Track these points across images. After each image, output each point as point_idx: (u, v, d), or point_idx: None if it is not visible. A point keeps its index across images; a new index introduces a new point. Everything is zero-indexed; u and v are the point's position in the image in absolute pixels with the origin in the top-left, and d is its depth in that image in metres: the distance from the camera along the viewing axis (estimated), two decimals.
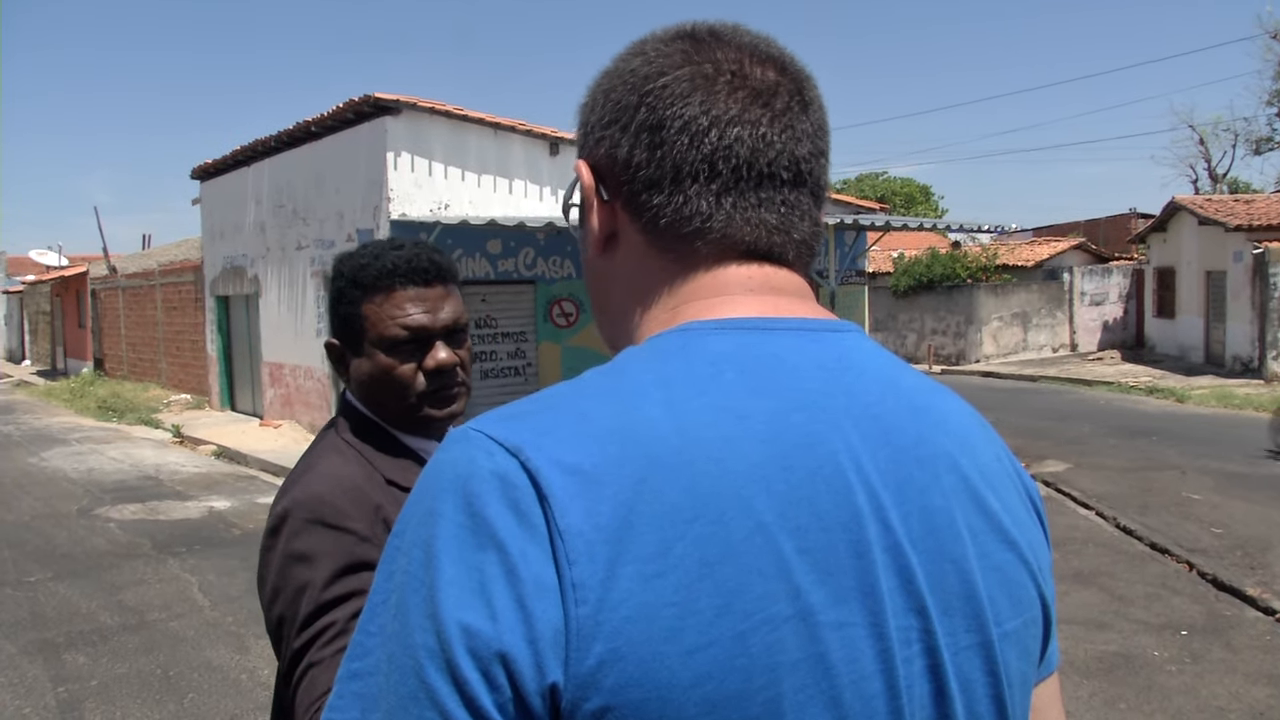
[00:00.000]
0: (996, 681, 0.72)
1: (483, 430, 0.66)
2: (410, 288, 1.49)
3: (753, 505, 0.64)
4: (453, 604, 0.60)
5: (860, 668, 0.65)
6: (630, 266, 0.79)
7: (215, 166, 16.63)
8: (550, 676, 0.59)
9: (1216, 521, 7.94)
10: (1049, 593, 0.79)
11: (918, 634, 0.69)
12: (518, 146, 12.54)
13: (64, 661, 5.42)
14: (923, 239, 30.31)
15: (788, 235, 0.77)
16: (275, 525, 1.36)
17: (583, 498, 0.62)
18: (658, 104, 0.75)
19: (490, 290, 12.30)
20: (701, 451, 0.64)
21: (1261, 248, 17.64)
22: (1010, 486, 0.79)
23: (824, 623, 0.64)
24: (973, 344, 23.77)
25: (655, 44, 0.79)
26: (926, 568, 0.70)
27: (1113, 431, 12.74)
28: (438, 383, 1.49)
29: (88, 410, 18.46)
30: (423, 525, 0.64)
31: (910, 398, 0.75)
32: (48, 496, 10.25)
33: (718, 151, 0.74)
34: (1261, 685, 4.84)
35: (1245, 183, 34.39)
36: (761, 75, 0.76)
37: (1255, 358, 17.94)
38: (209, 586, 6.84)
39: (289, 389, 14.69)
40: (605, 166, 0.79)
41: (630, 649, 0.60)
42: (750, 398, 0.68)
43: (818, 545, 0.65)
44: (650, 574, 0.61)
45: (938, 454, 0.73)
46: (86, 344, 26.01)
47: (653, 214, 0.76)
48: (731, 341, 0.72)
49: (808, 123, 0.78)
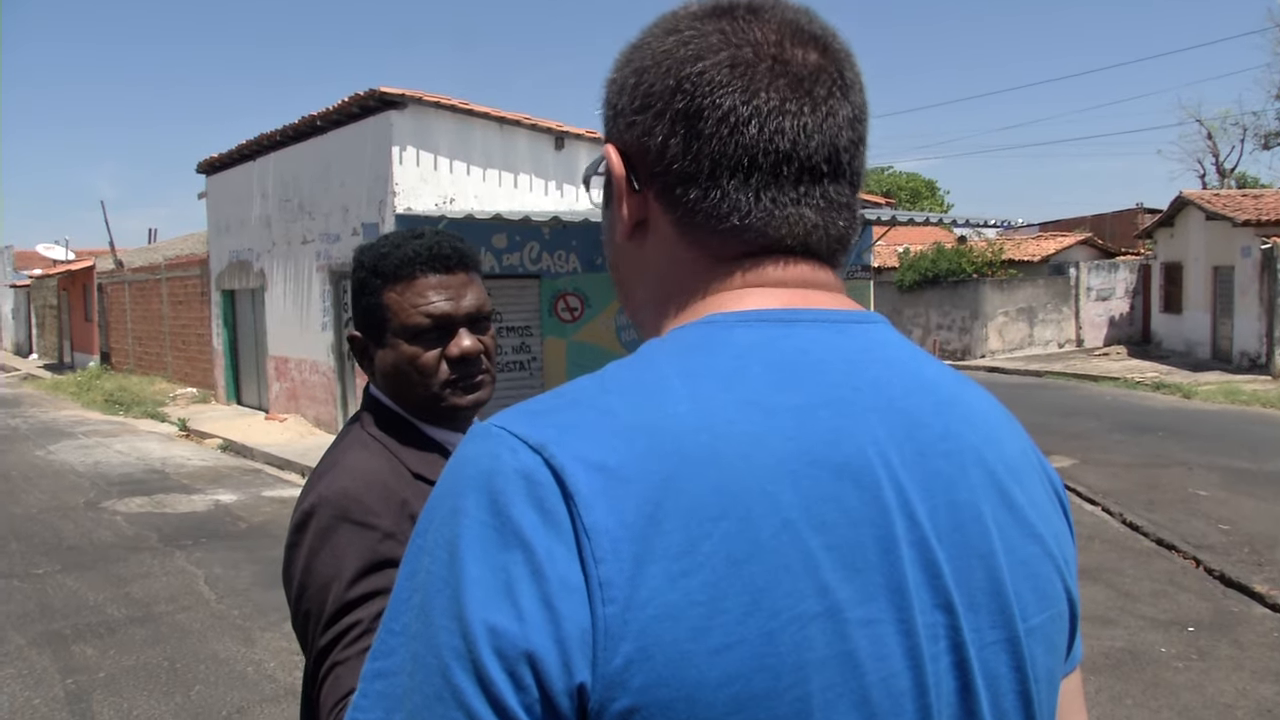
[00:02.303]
0: (1023, 677, 0.72)
1: (506, 427, 0.65)
2: (432, 275, 1.47)
3: (780, 502, 0.63)
4: (478, 604, 0.60)
5: (889, 665, 0.65)
6: (660, 256, 0.77)
7: (221, 161, 16.64)
8: (578, 677, 0.59)
9: (1224, 518, 7.92)
10: (1074, 587, 0.79)
11: (944, 630, 0.68)
12: (523, 140, 12.52)
13: (72, 653, 5.44)
14: (928, 234, 30.24)
15: (826, 232, 0.75)
16: (301, 521, 1.35)
17: (608, 495, 0.61)
18: (696, 92, 0.72)
19: (495, 285, 12.26)
20: (728, 448, 0.64)
21: (1269, 243, 17.57)
22: (1036, 480, 0.78)
23: (852, 620, 0.64)
24: (978, 339, 23.73)
25: (690, 21, 0.75)
26: (953, 563, 0.69)
27: (1119, 427, 12.72)
28: (462, 370, 1.48)
29: (94, 404, 18.50)
30: (446, 524, 0.63)
31: (936, 391, 0.74)
32: (55, 489, 10.28)
33: (758, 145, 0.71)
34: (1269, 682, 4.82)
35: (1254, 177, 34.30)
36: (803, 58, 0.73)
37: (1263, 353, 17.88)
38: (215, 579, 6.86)
39: (294, 383, 14.70)
40: (637, 154, 0.76)
41: (658, 648, 0.59)
42: (776, 392, 0.67)
43: (845, 542, 0.65)
44: (677, 572, 0.60)
45: (964, 448, 0.73)
46: (93, 338, 26.06)
47: (688, 207, 0.74)
48: (756, 334, 0.70)
49: (849, 108, 0.75)
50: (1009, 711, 0.71)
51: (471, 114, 12.10)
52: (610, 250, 0.82)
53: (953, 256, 24.65)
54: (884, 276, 24.62)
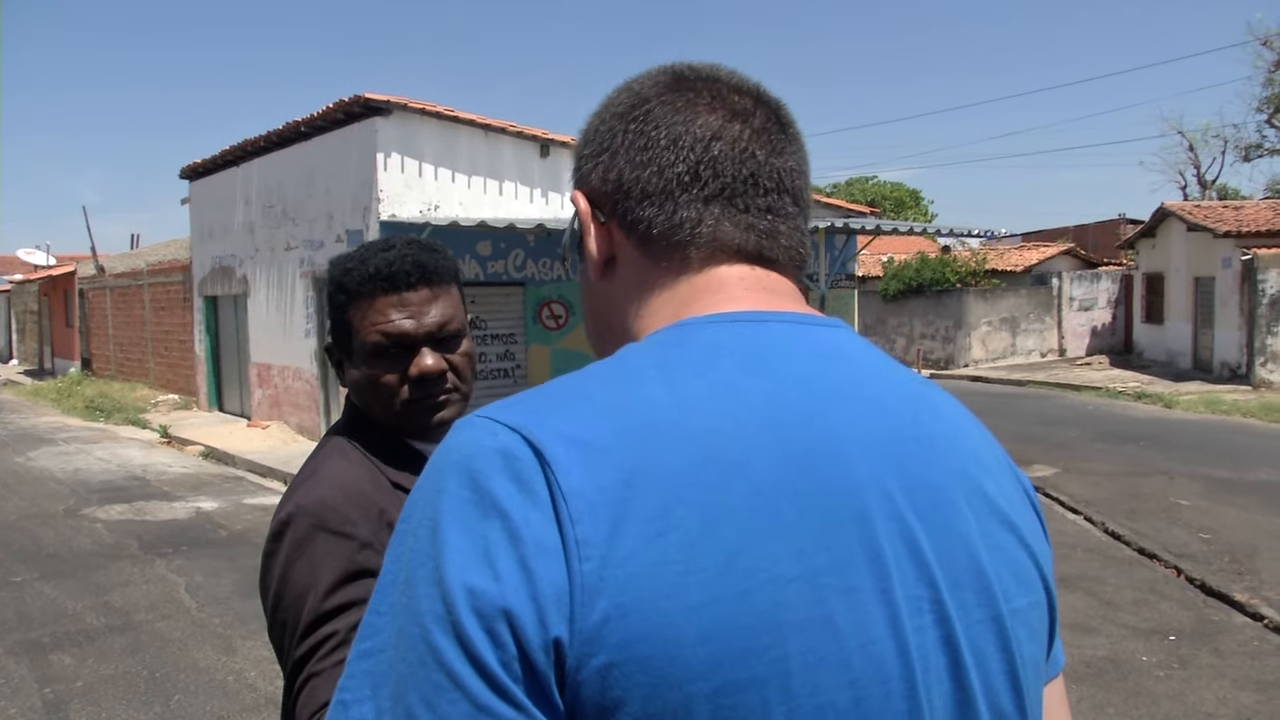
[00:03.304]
0: (1010, 657, 0.73)
1: (487, 415, 0.69)
2: (391, 294, 1.43)
3: (752, 471, 0.66)
4: (457, 569, 0.62)
5: (870, 633, 0.66)
6: (631, 281, 0.82)
7: (204, 166, 16.56)
8: (554, 631, 0.60)
9: (1205, 527, 7.97)
10: (1051, 581, 0.80)
11: (929, 604, 0.69)
12: (508, 148, 12.52)
13: (50, 662, 5.38)
14: (912, 243, 30.37)
15: (775, 239, 0.81)
16: (278, 531, 1.34)
17: (585, 464, 0.64)
18: (644, 125, 0.80)
19: (480, 292, 12.26)
20: (701, 423, 0.67)
21: (1250, 254, 17.72)
22: (1006, 475, 0.80)
23: (829, 585, 0.65)
24: (961, 348, 23.83)
25: (639, 80, 0.85)
26: (933, 541, 0.70)
27: (1101, 437, 12.78)
28: (422, 391, 1.44)
29: (75, 410, 18.35)
30: (429, 504, 0.66)
31: (902, 387, 0.77)
32: (34, 496, 10.18)
33: (703, 162, 0.79)
34: (1249, 690, 4.85)
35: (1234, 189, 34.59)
36: (739, 100, 0.82)
37: (1243, 364, 18.02)
38: (196, 587, 6.81)
39: (277, 390, 14.63)
40: (599, 191, 0.83)
41: (635, 605, 0.61)
42: (747, 377, 0.70)
43: (819, 510, 0.66)
44: (653, 533, 0.62)
45: (935, 435, 0.75)
46: (74, 344, 25.86)
47: (646, 226, 0.80)
48: (726, 331, 0.74)
49: (786, 140, 0.83)
50: (999, 691, 0.72)
51: (457, 121, 12.09)
52: (588, 297, 0.88)
53: (937, 266, 24.76)
54: (868, 286, 24.71)
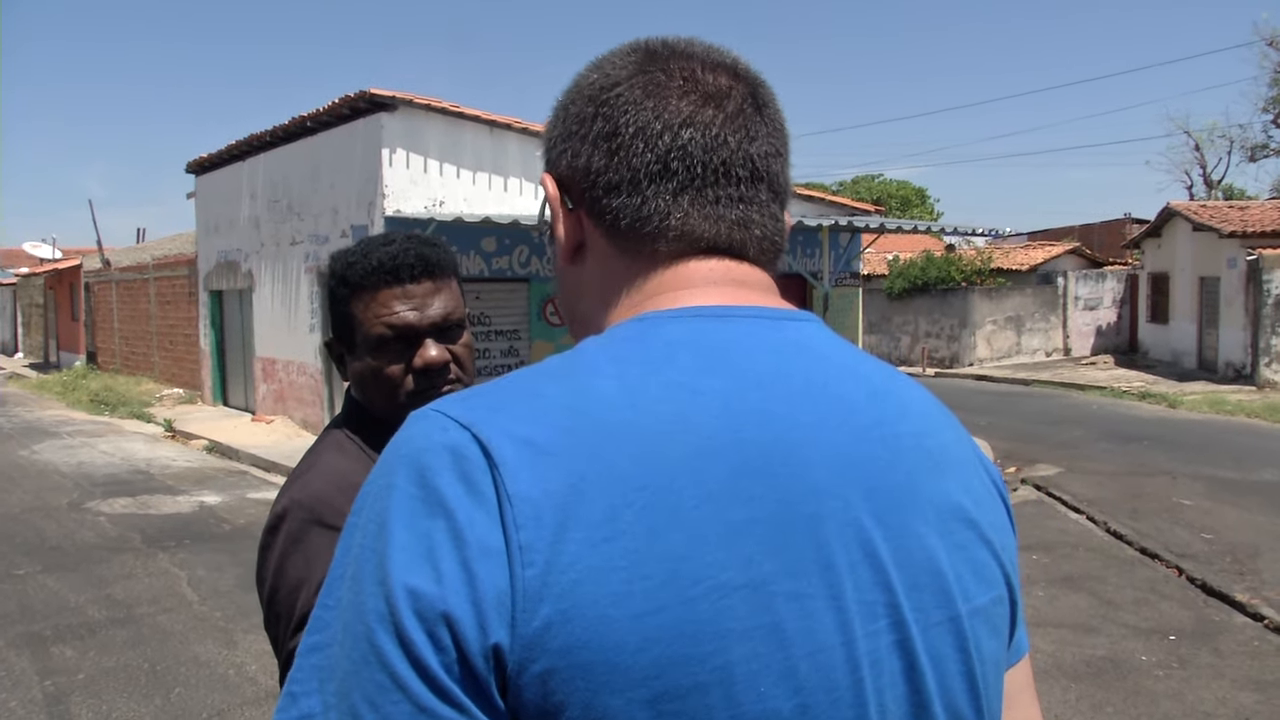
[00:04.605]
0: (968, 658, 0.72)
1: (439, 409, 0.68)
2: (396, 285, 1.45)
3: (703, 475, 0.65)
4: (400, 569, 0.62)
5: (818, 639, 0.65)
6: (598, 271, 0.81)
7: (211, 161, 16.59)
8: (493, 637, 0.60)
9: (1207, 527, 7.96)
10: (1014, 575, 0.80)
11: (884, 609, 0.68)
12: (513, 144, 12.52)
13: (51, 655, 5.41)
14: (918, 242, 30.34)
15: (747, 230, 0.79)
16: (274, 523, 1.35)
17: (533, 467, 0.63)
18: (612, 112, 0.78)
19: (484, 288, 12.27)
20: (653, 424, 0.66)
21: (1255, 254, 17.68)
22: (972, 469, 0.80)
23: (778, 593, 0.65)
24: (966, 347, 23.80)
25: (610, 59, 0.82)
26: (891, 543, 0.70)
27: (1104, 436, 12.77)
28: (426, 382, 1.45)
29: (79, 403, 18.40)
30: (378, 499, 0.66)
31: (870, 382, 0.76)
32: (38, 489, 10.22)
33: (672, 152, 0.76)
34: (1249, 691, 4.85)
35: (1240, 189, 34.50)
36: (714, 81, 0.79)
37: (1248, 364, 17.98)
38: (198, 581, 6.83)
39: (282, 384, 14.66)
40: (568, 177, 0.81)
41: (578, 611, 0.60)
42: (705, 376, 0.69)
43: (772, 516, 0.66)
44: (598, 539, 0.62)
45: (899, 434, 0.74)
46: (79, 337, 25.93)
47: (614, 216, 0.78)
48: (687, 327, 0.73)
49: (762, 123, 0.80)
50: (956, 692, 0.72)
51: (462, 117, 12.10)
52: (556, 278, 0.86)
53: (942, 265, 24.73)
54: (873, 284, 24.69)
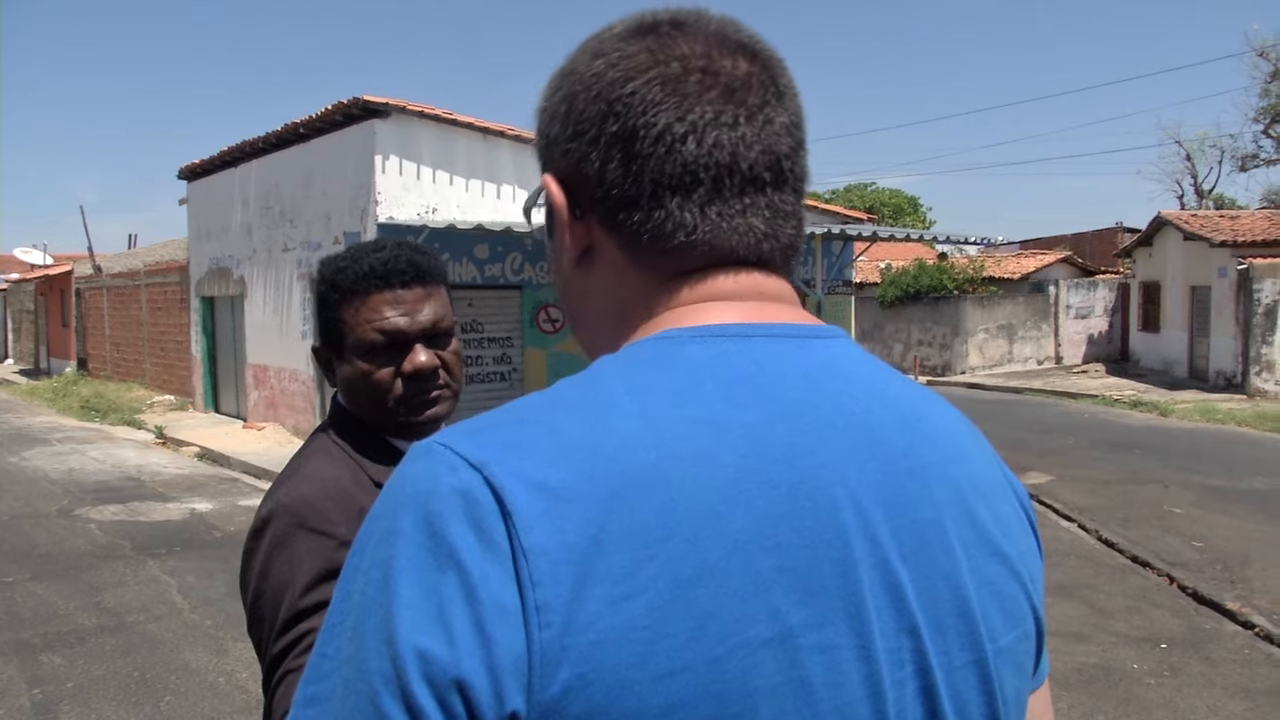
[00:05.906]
0: (991, 700, 0.70)
1: (447, 445, 0.63)
2: (386, 291, 1.46)
3: (730, 522, 0.61)
4: (409, 628, 0.58)
5: (846, 693, 0.63)
6: (609, 280, 0.75)
7: (203, 167, 16.55)
8: (510, 705, 0.56)
9: (1198, 535, 7.98)
10: (1040, 605, 0.77)
11: (910, 654, 0.66)
12: (506, 151, 12.53)
13: (40, 663, 5.37)
14: (910, 250, 30.40)
15: (775, 240, 0.74)
16: (259, 528, 1.35)
17: (549, 516, 0.59)
18: (628, 113, 0.70)
19: (477, 295, 12.27)
20: (677, 466, 0.61)
21: (1246, 264, 17.76)
22: (1002, 496, 0.77)
23: (805, 646, 0.62)
24: (959, 355, 23.84)
25: (615, 42, 0.73)
26: (918, 584, 0.67)
27: (1096, 444, 12.79)
28: (415, 388, 1.46)
29: (70, 410, 18.32)
30: (382, 545, 0.61)
31: (898, 406, 0.72)
32: (28, 496, 10.16)
33: (698, 160, 0.70)
34: (1239, 699, 4.86)
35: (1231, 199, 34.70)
36: (733, 68, 0.72)
37: (1238, 373, 18.05)
38: (188, 589, 6.80)
39: (273, 391, 14.62)
40: (576, 181, 0.74)
41: (598, 675, 0.57)
42: (730, 409, 0.65)
43: (800, 564, 0.62)
44: (619, 596, 0.58)
45: (928, 464, 0.71)
46: (70, 343, 25.83)
47: (633, 230, 0.72)
48: (711, 349, 0.68)
49: (785, 114, 0.74)
50: None
51: (455, 124, 12.10)
52: (558, 280, 0.80)
53: (934, 273, 24.78)
54: (866, 292, 24.73)
